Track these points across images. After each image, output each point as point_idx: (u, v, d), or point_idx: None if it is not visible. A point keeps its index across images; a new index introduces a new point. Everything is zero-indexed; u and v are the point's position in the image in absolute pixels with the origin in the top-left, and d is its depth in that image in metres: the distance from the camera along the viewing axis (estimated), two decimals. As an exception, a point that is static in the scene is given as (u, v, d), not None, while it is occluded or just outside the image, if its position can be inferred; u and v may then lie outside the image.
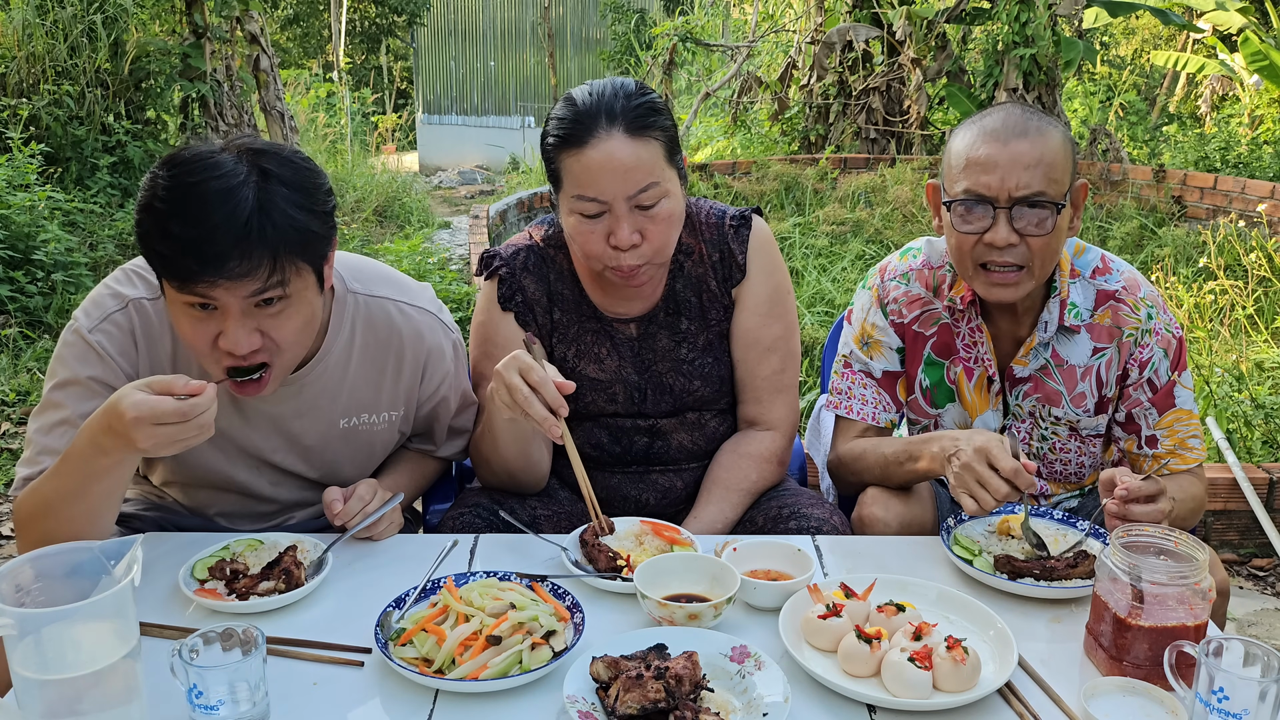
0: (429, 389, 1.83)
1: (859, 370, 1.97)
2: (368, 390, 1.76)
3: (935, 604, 1.46)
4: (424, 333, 1.79)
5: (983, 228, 1.70)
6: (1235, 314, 5.13)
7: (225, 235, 1.40)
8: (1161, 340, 1.81)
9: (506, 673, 1.28)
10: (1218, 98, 11.59)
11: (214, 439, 1.51)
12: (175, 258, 1.42)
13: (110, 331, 1.60)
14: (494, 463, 1.83)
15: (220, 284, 1.42)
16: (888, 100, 9.25)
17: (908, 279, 1.92)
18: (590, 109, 1.70)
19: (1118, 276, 1.83)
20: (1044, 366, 1.85)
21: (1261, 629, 2.94)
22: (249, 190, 1.43)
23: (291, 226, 1.46)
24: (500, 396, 1.58)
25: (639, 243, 1.71)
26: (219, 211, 1.41)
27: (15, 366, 4.74)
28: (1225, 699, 1.14)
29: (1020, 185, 1.66)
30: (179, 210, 1.42)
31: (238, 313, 1.46)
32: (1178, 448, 1.83)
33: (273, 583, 1.48)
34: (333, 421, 1.75)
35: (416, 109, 20.03)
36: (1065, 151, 1.70)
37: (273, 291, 1.46)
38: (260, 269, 1.43)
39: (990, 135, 1.69)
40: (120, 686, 1.15)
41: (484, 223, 6.94)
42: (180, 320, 1.49)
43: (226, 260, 1.40)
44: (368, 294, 1.75)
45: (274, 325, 1.50)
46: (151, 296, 1.63)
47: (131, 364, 1.61)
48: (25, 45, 6.84)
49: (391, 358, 1.77)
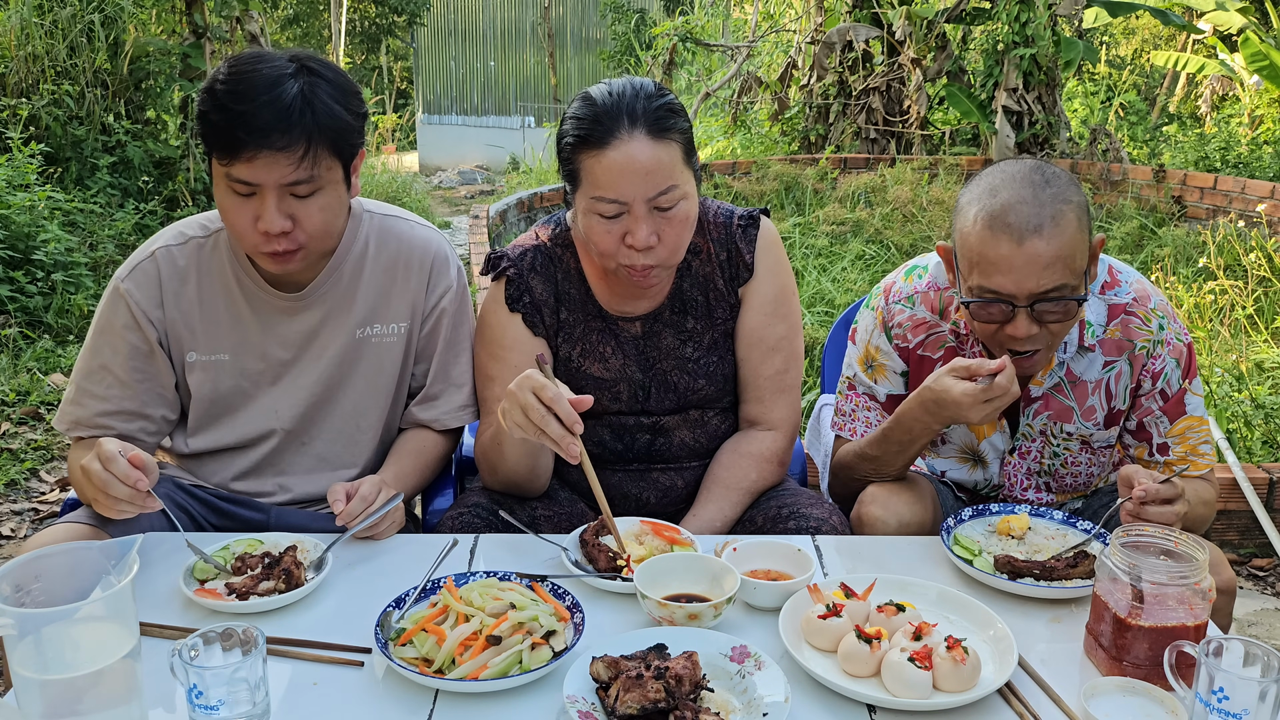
0: (432, 299, 1.93)
1: (863, 393, 1.95)
2: (378, 299, 1.89)
3: (935, 604, 1.46)
4: (431, 244, 1.94)
5: (1002, 319, 1.66)
6: (1235, 314, 5.13)
7: (271, 112, 1.60)
8: (1173, 350, 1.79)
9: (506, 673, 1.28)
10: (1218, 98, 11.59)
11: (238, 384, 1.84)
12: (226, 129, 1.60)
13: (139, 279, 1.80)
14: (501, 472, 1.83)
15: (261, 156, 1.60)
16: (888, 100, 9.25)
17: (912, 302, 1.89)
18: (610, 109, 1.69)
19: (1127, 289, 1.80)
20: (1057, 384, 1.83)
21: (1261, 629, 2.94)
22: (295, 83, 1.64)
23: (329, 116, 1.65)
24: (514, 417, 1.57)
25: (655, 244, 1.71)
26: (267, 94, 1.61)
27: (15, 366, 4.74)
28: (1225, 699, 1.14)
29: (1040, 285, 1.60)
30: (234, 89, 1.62)
31: (273, 195, 1.64)
32: (1189, 454, 1.82)
33: (273, 583, 1.48)
34: (350, 331, 1.88)
35: (416, 109, 20.04)
36: (1081, 232, 1.61)
37: (304, 175, 1.63)
38: (297, 147, 1.61)
39: (1004, 230, 1.60)
40: (120, 686, 1.15)
41: (484, 223, 6.93)
42: (225, 203, 1.68)
43: (270, 133, 1.59)
44: (382, 214, 1.94)
45: (304, 212, 1.67)
46: (179, 242, 1.82)
47: (157, 305, 1.81)
48: (24, 45, 6.83)
49: (400, 266, 1.91)
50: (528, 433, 1.56)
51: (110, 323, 1.80)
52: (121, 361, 1.79)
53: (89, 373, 1.81)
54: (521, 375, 1.57)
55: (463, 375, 1.97)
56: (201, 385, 1.84)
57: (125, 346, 1.79)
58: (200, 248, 1.83)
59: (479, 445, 1.90)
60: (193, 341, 1.82)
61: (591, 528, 1.65)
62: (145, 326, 1.79)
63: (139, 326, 1.79)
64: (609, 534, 1.65)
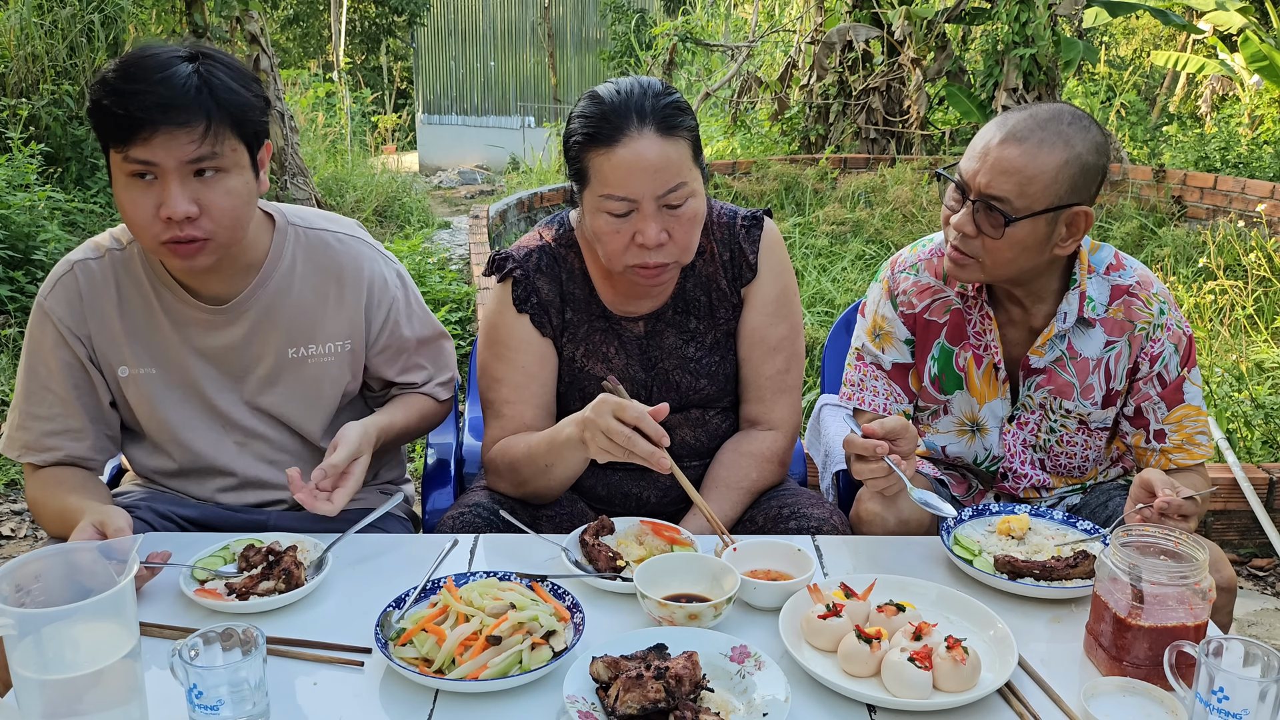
0: (379, 318, 1.87)
1: (870, 363, 1.99)
2: (310, 318, 1.82)
3: (935, 604, 1.46)
4: (363, 261, 1.87)
5: (955, 209, 1.76)
6: (1235, 314, 5.13)
7: (166, 88, 1.54)
8: (1173, 336, 1.82)
9: (506, 673, 1.28)
10: (1218, 98, 11.59)
11: (174, 396, 1.78)
12: (120, 112, 1.54)
13: (60, 295, 1.75)
14: (532, 485, 1.81)
15: (160, 133, 1.53)
16: (888, 100, 9.25)
17: (916, 269, 1.95)
18: (619, 107, 1.69)
19: (1131, 272, 1.85)
20: (1059, 358, 1.86)
21: (1261, 629, 2.94)
22: (190, 66, 1.59)
23: (228, 92, 1.59)
24: (598, 443, 1.59)
25: (666, 241, 1.72)
26: (161, 73, 1.56)
27: (15, 367, 4.74)
28: (1225, 699, 1.14)
29: (989, 185, 1.69)
30: (126, 75, 1.56)
31: (175, 177, 1.57)
32: (1185, 443, 1.84)
33: (273, 583, 1.48)
34: (281, 350, 1.81)
35: (416, 109, 20.03)
36: (1058, 172, 1.67)
37: (207, 154, 1.57)
38: (197, 123, 1.55)
39: (1000, 128, 1.71)
40: (120, 686, 1.15)
41: (484, 223, 6.93)
42: (125, 196, 1.60)
43: (167, 109, 1.53)
44: (306, 226, 1.85)
45: (209, 196, 1.60)
46: (96, 255, 1.77)
47: (79, 319, 1.75)
48: (24, 45, 6.84)
49: (332, 284, 1.84)
50: (615, 455, 1.58)
51: (40, 342, 1.75)
52: (59, 380, 1.75)
53: (29, 394, 1.76)
54: (596, 400, 1.60)
55: (446, 360, 2.00)
56: (139, 401, 1.79)
57: (58, 364, 1.74)
58: (116, 261, 1.76)
59: (495, 455, 1.87)
60: (120, 356, 1.76)
61: (591, 528, 1.65)
62: (73, 343, 1.74)
63: (67, 344, 1.74)
64: (609, 533, 1.65)
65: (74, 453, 1.77)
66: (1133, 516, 1.52)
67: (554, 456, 1.73)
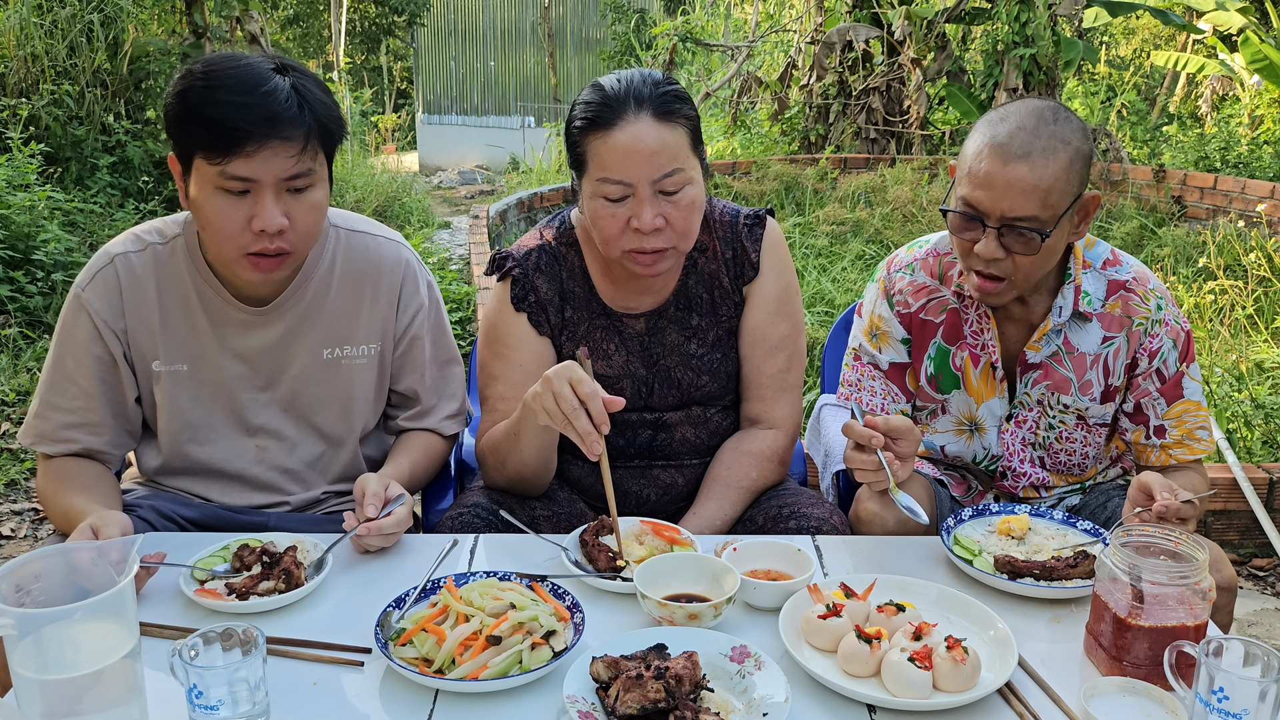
0: (404, 321, 1.88)
1: (867, 363, 2.00)
2: (347, 320, 1.83)
3: (935, 604, 1.46)
4: (399, 264, 1.88)
5: (974, 239, 1.73)
6: (1235, 314, 5.13)
7: (274, 102, 1.54)
8: (1171, 331, 1.82)
9: (506, 673, 1.28)
10: (1218, 98, 11.60)
11: (202, 394, 1.77)
12: (225, 123, 1.52)
13: (99, 288, 1.74)
14: (510, 465, 1.81)
15: (266, 148, 1.53)
16: (888, 100, 9.25)
17: (912, 269, 1.95)
18: (619, 94, 1.72)
19: (1127, 268, 1.85)
20: (1055, 353, 1.86)
21: (1261, 629, 2.94)
22: (285, 79, 1.59)
23: (322, 109, 1.61)
24: (544, 403, 1.58)
25: (662, 226, 1.73)
26: (263, 86, 1.55)
27: (15, 366, 4.74)
28: (1225, 699, 1.14)
29: (1012, 209, 1.67)
30: (223, 84, 1.54)
31: (271, 191, 1.57)
32: (1185, 438, 1.85)
33: (273, 583, 1.48)
34: (316, 351, 1.82)
35: (416, 109, 20.04)
36: (1068, 174, 1.67)
37: (304, 168, 1.58)
38: (297, 139, 1.56)
39: (997, 150, 1.67)
40: (120, 686, 1.15)
41: (484, 223, 6.94)
42: (209, 207, 1.59)
43: (276, 123, 1.53)
44: (348, 229, 1.86)
45: (298, 210, 1.61)
46: (138, 249, 1.75)
47: (116, 313, 1.74)
48: (24, 45, 6.84)
49: (369, 286, 1.85)
50: (554, 421, 1.57)
51: (72, 333, 1.74)
52: (86, 373, 1.74)
53: (52, 384, 1.76)
54: (561, 364, 1.59)
55: (456, 388, 1.98)
56: (169, 397, 1.78)
57: (90, 358, 1.74)
58: (158, 254, 1.75)
59: (483, 443, 1.89)
60: (155, 350, 1.76)
61: (591, 528, 1.65)
62: (109, 339, 1.74)
63: (102, 338, 1.73)
64: (609, 533, 1.65)
65: (90, 446, 1.77)
66: (1131, 520, 1.52)
67: (520, 424, 1.73)
